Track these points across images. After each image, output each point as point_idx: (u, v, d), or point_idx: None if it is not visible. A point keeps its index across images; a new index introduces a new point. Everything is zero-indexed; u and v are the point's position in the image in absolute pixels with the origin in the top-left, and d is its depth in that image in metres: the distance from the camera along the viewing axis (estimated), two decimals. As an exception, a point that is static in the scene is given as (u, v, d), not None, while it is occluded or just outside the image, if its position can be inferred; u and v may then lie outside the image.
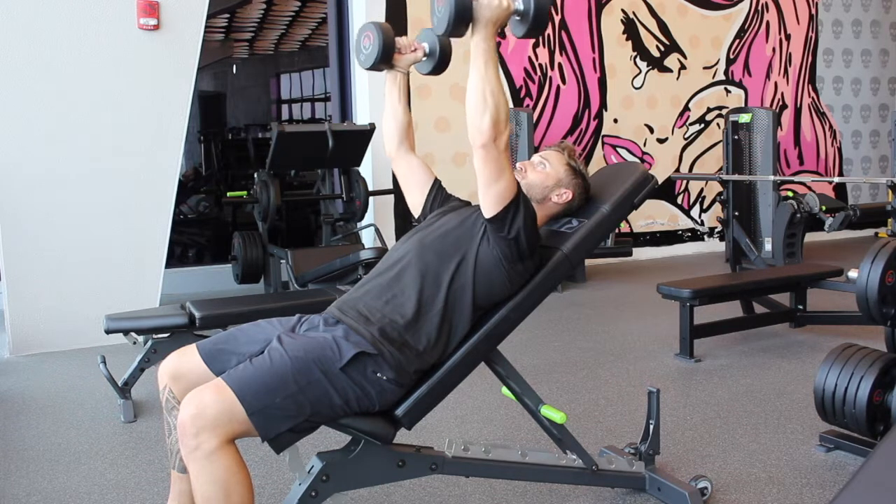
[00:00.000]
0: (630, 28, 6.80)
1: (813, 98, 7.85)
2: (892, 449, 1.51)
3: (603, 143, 6.79)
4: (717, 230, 7.30)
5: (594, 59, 6.69)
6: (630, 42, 6.82)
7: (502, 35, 6.25)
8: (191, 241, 7.20)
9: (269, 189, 5.14)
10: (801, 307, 4.16)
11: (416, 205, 2.29)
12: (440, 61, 2.24)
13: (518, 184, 2.00)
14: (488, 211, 1.95)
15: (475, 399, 3.25)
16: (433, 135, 6.00)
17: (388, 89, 2.26)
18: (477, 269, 1.98)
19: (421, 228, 2.13)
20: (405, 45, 2.20)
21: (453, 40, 2.06)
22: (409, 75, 2.28)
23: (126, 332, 3.18)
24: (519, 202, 1.97)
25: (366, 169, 5.61)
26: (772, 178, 5.86)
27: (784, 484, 2.44)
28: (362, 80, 5.87)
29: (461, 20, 1.81)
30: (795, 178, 7.38)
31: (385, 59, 2.15)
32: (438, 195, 2.27)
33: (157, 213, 4.35)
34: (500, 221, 1.95)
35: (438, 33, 1.88)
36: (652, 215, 7.04)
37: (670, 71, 7.02)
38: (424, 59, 2.23)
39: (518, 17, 1.91)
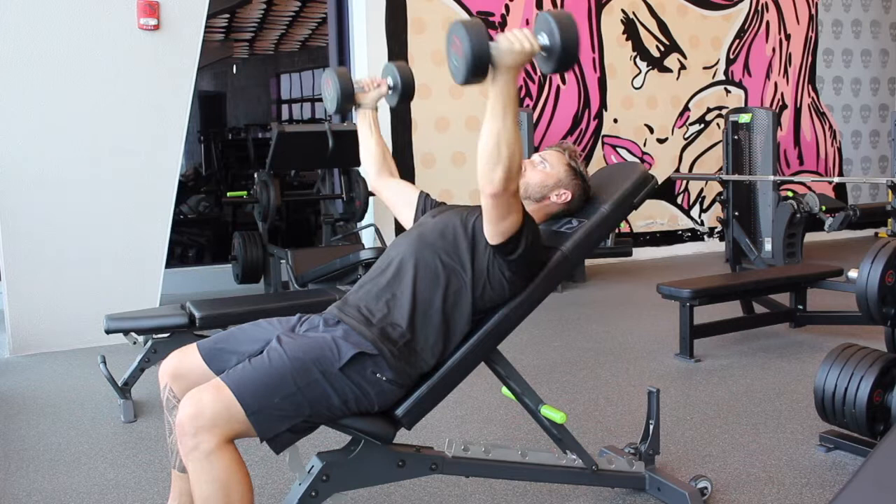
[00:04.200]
0: (630, 28, 6.80)
1: (813, 98, 7.85)
2: (892, 449, 1.51)
3: (603, 143, 6.79)
4: (717, 230, 7.30)
5: (594, 59, 6.69)
6: (630, 42, 6.82)
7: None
8: (191, 241, 7.20)
9: (269, 189, 5.13)
10: (801, 307, 4.16)
11: (407, 220, 2.31)
12: (405, 93, 2.31)
13: (525, 213, 1.94)
14: (493, 240, 1.94)
15: (475, 399, 3.25)
16: (433, 135, 6.00)
17: (359, 126, 2.38)
18: (476, 274, 1.98)
19: (418, 227, 2.12)
20: (368, 83, 2.33)
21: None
22: (380, 107, 2.34)
23: (126, 332, 3.18)
24: (524, 230, 1.94)
25: (366, 169, 5.61)
26: (772, 178, 5.86)
27: (784, 484, 2.44)
28: (362, 80, 5.87)
29: (478, 71, 1.71)
30: (795, 178, 7.38)
31: (346, 100, 2.25)
32: (427, 204, 2.30)
33: (157, 213, 4.35)
34: (504, 247, 1.95)
35: (457, 82, 1.79)
36: (652, 215, 7.04)
37: (670, 71, 7.02)
38: (390, 92, 2.31)
39: (545, 54, 1.77)
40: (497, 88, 1.74)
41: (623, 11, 6.75)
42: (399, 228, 5.82)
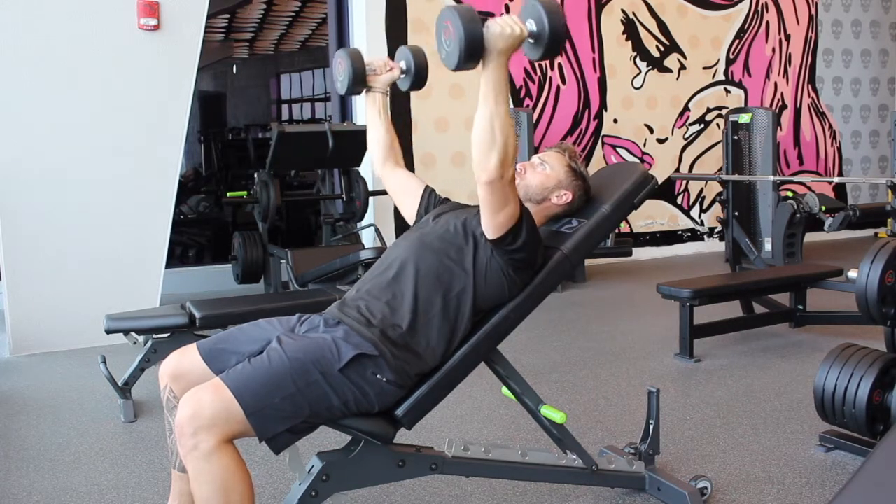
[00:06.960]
0: (630, 28, 6.80)
1: (813, 98, 7.85)
2: (892, 449, 1.51)
3: (603, 144, 6.79)
4: (717, 230, 7.30)
5: (594, 59, 6.69)
6: (630, 42, 6.82)
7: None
8: (191, 241, 7.20)
9: (269, 189, 5.14)
10: (800, 307, 4.16)
11: (410, 214, 2.30)
12: (417, 77, 2.25)
13: (521, 204, 1.96)
14: (491, 233, 1.94)
15: (475, 399, 3.25)
16: (433, 135, 6.00)
17: (367, 110, 2.33)
18: (476, 273, 1.98)
19: (419, 228, 2.12)
20: (380, 66, 2.27)
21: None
22: (390, 93, 2.32)
23: (126, 332, 3.18)
24: (522, 222, 1.95)
25: (366, 169, 5.61)
26: (772, 178, 5.86)
27: (784, 484, 2.44)
28: (362, 80, 5.87)
29: (472, 56, 1.73)
30: (795, 178, 7.38)
31: (357, 83, 2.21)
32: (431, 200, 2.28)
33: (157, 213, 4.35)
34: (503, 240, 1.95)
35: (449, 68, 1.79)
36: (652, 215, 7.04)
37: (670, 71, 7.03)
38: (402, 77, 2.26)
39: (532, 41, 1.80)
40: (488, 74, 1.77)
41: (623, 11, 6.75)
42: (399, 228, 5.82)
